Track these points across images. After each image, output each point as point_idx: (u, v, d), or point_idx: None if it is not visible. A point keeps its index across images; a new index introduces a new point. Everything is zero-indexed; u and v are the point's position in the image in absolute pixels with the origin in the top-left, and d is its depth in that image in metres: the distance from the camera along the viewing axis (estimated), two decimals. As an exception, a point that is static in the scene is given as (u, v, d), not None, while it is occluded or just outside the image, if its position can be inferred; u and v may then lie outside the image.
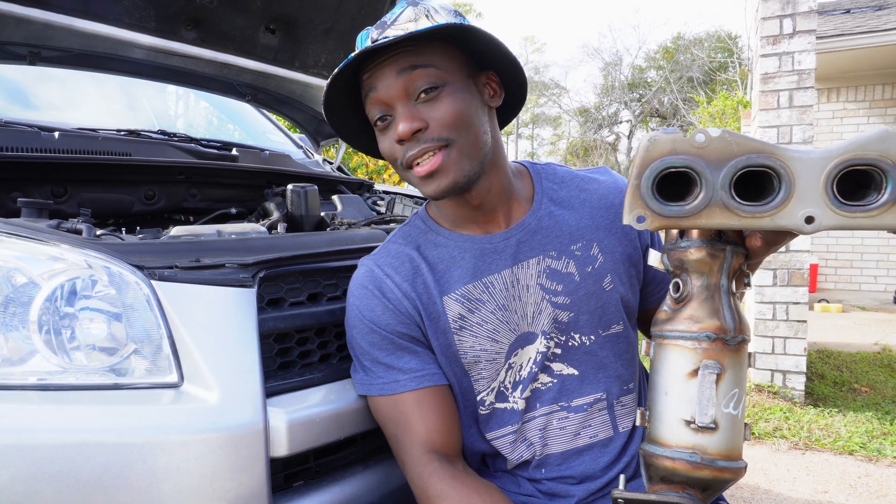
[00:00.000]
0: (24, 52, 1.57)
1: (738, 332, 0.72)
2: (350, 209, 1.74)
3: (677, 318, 0.74)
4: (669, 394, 0.73)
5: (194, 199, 1.64)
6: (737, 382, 0.72)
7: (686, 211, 0.68)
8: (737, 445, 0.72)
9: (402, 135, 0.86)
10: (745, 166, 0.67)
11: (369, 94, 0.89)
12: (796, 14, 3.18)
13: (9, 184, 1.31)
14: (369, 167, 10.20)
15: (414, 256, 0.99)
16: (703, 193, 0.67)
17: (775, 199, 0.67)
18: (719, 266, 0.74)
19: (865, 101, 6.69)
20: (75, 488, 0.78)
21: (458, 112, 0.87)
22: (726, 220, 0.68)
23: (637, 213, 0.69)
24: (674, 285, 0.76)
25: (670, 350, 0.74)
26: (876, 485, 2.38)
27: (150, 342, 0.89)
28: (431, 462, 0.92)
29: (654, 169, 0.68)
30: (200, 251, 1.02)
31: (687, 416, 0.71)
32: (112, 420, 0.83)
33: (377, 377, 0.98)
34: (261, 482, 0.88)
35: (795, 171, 0.66)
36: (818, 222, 0.66)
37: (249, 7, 1.75)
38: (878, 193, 0.65)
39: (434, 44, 0.88)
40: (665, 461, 0.71)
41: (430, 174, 0.87)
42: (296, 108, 2.25)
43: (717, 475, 0.70)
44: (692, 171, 0.67)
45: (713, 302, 0.73)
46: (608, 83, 26.81)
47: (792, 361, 3.25)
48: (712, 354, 0.71)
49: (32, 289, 0.87)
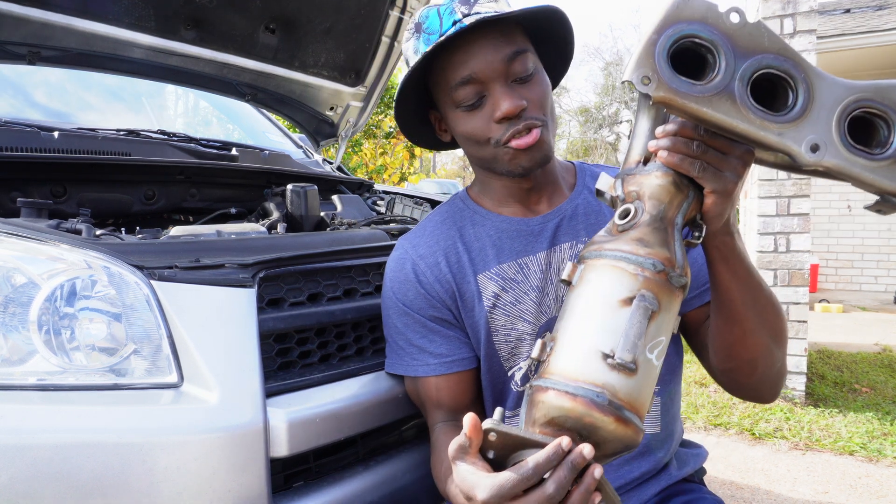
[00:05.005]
0: (23, 51, 1.57)
1: (682, 273, 0.65)
2: (350, 209, 1.74)
3: (623, 239, 0.66)
4: (592, 319, 0.63)
5: (194, 199, 1.64)
6: (665, 329, 0.64)
7: (696, 90, 0.60)
8: (645, 402, 0.62)
9: (510, 112, 0.87)
10: (771, 66, 0.61)
11: (462, 72, 0.88)
12: (797, 14, 3.17)
13: (8, 184, 1.31)
14: (369, 167, 10.21)
15: (451, 234, 1.01)
16: (720, 78, 0.60)
17: (791, 112, 0.61)
18: (679, 201, 0.67)
19: (866, 101, 6.68)
20: (75, 488, 0.78)
21: (547, 94, 0.92)
22: (732, 119, 0.60)
23: (644, 73, 0.60)
24: (622, 211, 0.68)
25: (606, 271, 0.64)
26: (876, 485, 2.38)
27: (150, 342, 0.89)
28: (444, 421, 1.01)
29: (679, 31, 0.60)
30: (200, 251, 1.01)
31: (606, 349, 0.61)
32: (112, 420, 0.83)
33: (410, 358, 1.01)
34: (261, 482, 0.87)
35: (817, 90, 0.61)
36: (821, 154, 0.60)
37: (249, 7, 1.75)
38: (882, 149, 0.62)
39: (518, 25, 0.91)
40: (564, 398, 0.60)
41: (529, 147, 0.89)
42: (296, 107, 2.25)
43: (616, 428, 0.59)
44: (715, 49, 0.61)
45: (665, 234, 0.66)
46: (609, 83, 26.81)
47: (792, 362, 3.25)
48: (653, 287, 0.63)
49: (32, 289, 0.86)
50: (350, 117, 2.28)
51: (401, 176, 10.70)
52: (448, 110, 0.94)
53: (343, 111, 2.26)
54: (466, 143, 0.95)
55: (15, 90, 1.92)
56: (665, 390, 0.99)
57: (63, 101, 2.02)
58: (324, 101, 2.22)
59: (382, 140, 10.44)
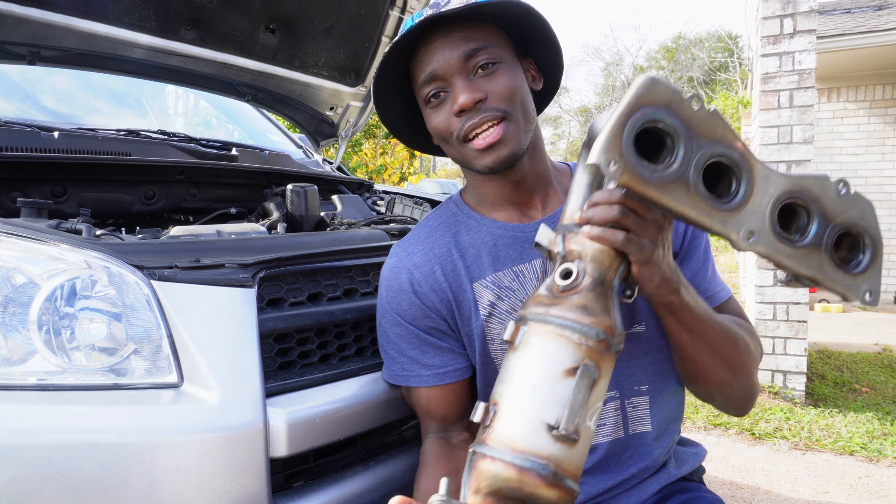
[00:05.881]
0: (23, 51, 1.57)
1: (621, 340, 0.66)
2: (350, 209, 1.74)
3: (567, 305, 0.65)
4: (537, 389, 0.63)
5: (194, 199, 1.64)
6: (602, 394, 0.65)
7: (656, 177, 0.62)
8: (582, 465, 0.63)
9: (464, 104, 0.87)
10: (723, 155, 0.64)
11: (426, 69, 0.90)
12: (797, 14, 3.17)
13: (8, 184, 1.31)
14: (369, 167, 10.21)
15: (445, 241, 1.01)
16: (677, 165, 0.63)
17: (733, 200, 0.65)
18: (618, 265, 0.69)
19: (865, 101, 6.68)
20: (75, 488, 0.78)
21: (514, 87, 0.90)
22: (684, 206, 0.63)
23: (610, 157, 0.60)
24: (564, 271, 0.69)
25: (551, 338, 0.64)
26: (876, 485, 2.38)
27: (150, 342, 0.89)
28: (435, 433, 1.02)
29: (645, 116, 0.61)
30: (200, 251, 1.01)
31: (551, 420, 0.61)
32: (112, 420, 0.83)
33: (402, 367, 1.01)
34: (261, 482, 0.87)
35: (757, 181, 0.65)
36: (755, 240, 0.65)
37: (249, 7, 1.75)
38: (801, 235, 0.67)
39: (487, 24, 0.91)
40: (510, 469, 0.60)
41: (490, 146, 0.89)
42: (296, 107, 2.25)
43: (559, 497, 0.60)
44: (675, 135, 0.62)
45: (605, 299, 0.67)
46: (608, 83, 26.81)
47: (792, 362, 3.25)
48: (595, 356, 0.63)
49: (32, 289, 0.86)
50: (350, 117, 2.28)
51: (401, 176, 10.70)
52: (422, 108, 0.95)
53: (343, 111, 2.26)
54: (439, 142, 0.96)
55: (15, 90, 1.92)
56: (654, 390, 0.98)
57: (63, 101, 2.02)
58: (324, 101, 2.22)
59: (382, 140, 10.45)
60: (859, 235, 0.69)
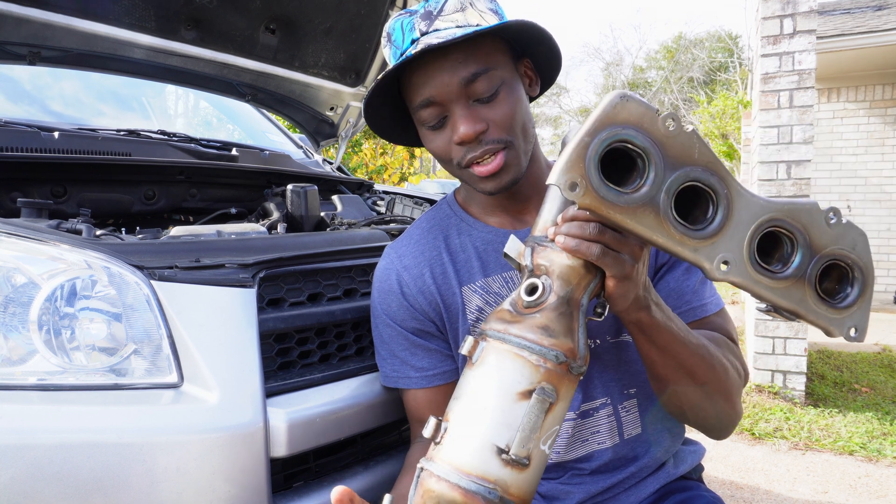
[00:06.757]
0: (23, 52, 1.57)
1: (584, 363, 0.63)
2: (350, 209, 1.74)
3: (528, 324, 0.63)
4: (488, 409, 0.60)
5: (194, 199, 1.64)
6: (560, 418, 0.62)
7: (622, 200, 0.58)
8: (533, 490, 0.61)
9: (465, 137, 0.84)
10: (699, 179, 0.60)
11: (423, 93, 0.86)
12: (797, 14, 3.17)
13: (9, 184, 1.31)
14: (369, 167, 10.21)
15: (436, 244, 1.00)
16: (647, 189, 0.59)
17: (709, 228, 0.61)
18: (587, 283, 0.66)
19: (865, 101, 6.68)
20: (75, 488, 0.78)
21: (515, 113, 0.87)
22: (652, 232, 0.59)
23: (572, 178, 0.57)
24: (529, 287, 0.66)
25: (508, 357, 0.62)
26: (876, 485, 2.38)
27: (150, 342, 0.89)
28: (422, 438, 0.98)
29: (613, 136, 0.58)
30: (200, 251, 1.01)
31: (501, 443, 0.59)
32: (112, 420, 0.83)
33: (393, 369, 1.02)
34: (261, 482, 0.88)
35: (736, 208, 0.61)
36: (729, 270, 0.61)
37: (249, 7, 1.75)
38: (783, 265, 0.63)
39: (484, 37, 0.86)
40: (455, 491, 0.58)
41: (492, 174, 0.87)
42: (296, 107, 2.25)
43: None
44: (646, 157, 0.59)
45: (570, 320, 0.64)
46: (609, 83, 26.81)
47: (792, 362, 3.25)
48: (553, 379, 0.61)
49: (32, 289, 0.87)
50: (350, 117, 2.28)
51: (401, 176, 10.70)
52: (418, 125, 0.92)
53: (343, 111, 2.26)
54: (437, 159, 0.94)
55: (15, 90, 1.92)
56: (642, 393, 0.98)
57: (63, 101, 2.02)
58: (324, 102, 2.22)
59: (382, 140, 10.44)
60: (848, 267, 0.66)
